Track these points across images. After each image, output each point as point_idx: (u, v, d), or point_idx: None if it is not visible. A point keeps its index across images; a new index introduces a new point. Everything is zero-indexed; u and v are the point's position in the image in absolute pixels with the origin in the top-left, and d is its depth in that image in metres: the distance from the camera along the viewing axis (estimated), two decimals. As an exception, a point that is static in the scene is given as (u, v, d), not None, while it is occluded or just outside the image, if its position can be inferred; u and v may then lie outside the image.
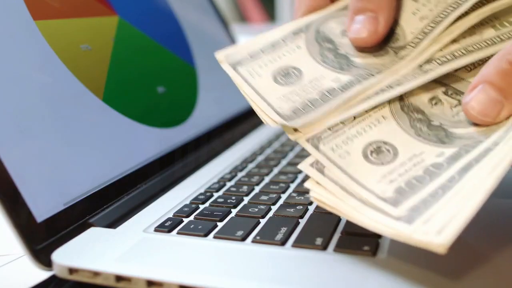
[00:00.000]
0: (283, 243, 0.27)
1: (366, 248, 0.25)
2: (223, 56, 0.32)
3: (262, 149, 0.45)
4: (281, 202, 0.33)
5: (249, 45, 0.32)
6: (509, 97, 0.25)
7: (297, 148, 0.44)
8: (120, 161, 0.36)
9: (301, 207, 0.31)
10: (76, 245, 0.28)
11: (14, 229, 0.27)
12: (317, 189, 0.25)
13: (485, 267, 0.24)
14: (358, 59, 0.30)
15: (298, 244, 0.27)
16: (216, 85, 0.51)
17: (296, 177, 0.37)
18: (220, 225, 0.30)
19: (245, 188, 0.35)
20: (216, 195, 0.35)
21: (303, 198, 0.33)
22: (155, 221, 0.31)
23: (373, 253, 0.25)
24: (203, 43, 0.52)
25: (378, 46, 0.31)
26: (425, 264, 0.24)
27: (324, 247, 0.26)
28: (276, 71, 0.30)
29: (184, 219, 0.31)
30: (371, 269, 0.24)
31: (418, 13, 0.31)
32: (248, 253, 0.26)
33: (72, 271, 0.26)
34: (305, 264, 0.25)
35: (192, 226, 0.30)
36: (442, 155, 0.25)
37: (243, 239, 0.28)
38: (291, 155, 0.43)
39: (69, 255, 0.27)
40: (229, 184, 0.37)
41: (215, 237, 0.28)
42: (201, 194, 0.35)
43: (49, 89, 0.33)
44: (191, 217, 0.31)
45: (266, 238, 0.27)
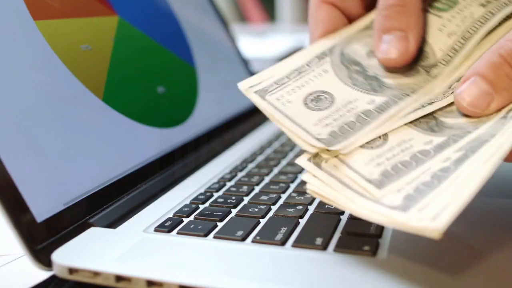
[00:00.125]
0: (283, 243, 0.27)
1: (366, 248, 0.25)
2: (247, 86, 0.30)
3: (262, 149, 0.45)
4: (281, 202, 0.33)
5: (273, 73, 0.31)
6: (499, 90, 0.25)
7: (297, 148, 0.44)
8: (120, 161, 0.36)
9: (301, 207, 0.31)
10: (76, 245, 0.28)
11: (14, 229, 0.27)
12: (314, 182, 0.26)
13: (485, 267, 0.24)
14: (389, 80, 0.30)
15: (298, 244, 0.27)
16: (216, 85, 0.51)
17: (296, 177, 0.37)
18: (220, 225, 0.30)
19: (245, 188, 0.35)
20: (216, 195, 0.35)
21: (303, 198, 0.33)
22: (155, 221, 0.31)
23: (373, 253, 0.25)
24: (203, 43, 0.52)
25: (408, 65, 0.30)
26: (425, 264, 0.24)
27: (324, 247, 0.26)
28: (306, 96, 0.29)
29: (184, 219, 0.31)
30: (371, 269, 0.24)
31: (444, 29, 0.31)
32: (248, 253, 0.26)
33: (72, 271, 0.26)
34: (305, 264, 0.25)
35: (192, 226, 0.30)
36: (430, 143, 0.26)
37: (243, 239, 0.28)
38: (291, 155, 0.43)
39: (69, 255, 0.27)
40: (229, 184, 0.37)
41: (215, 237, 0.28)
42: (201, 194, 0.35)
43: (49, 89, 0.33)
44: (191, 217, 0.31)
45: (266, 238, 0.27)
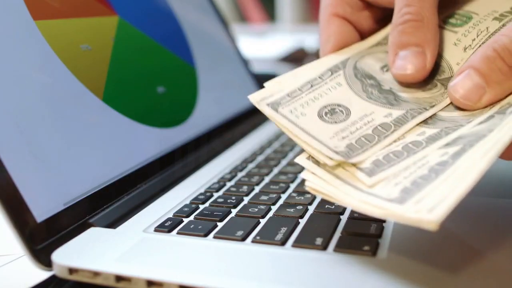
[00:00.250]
0: (283, 243, 0.27)
1: (366, 248, 0.25)
2: (259, 98, 0.29)
3: (262, 149, 0.45)
4: (281, 202, 0.33)
5: (284, 85, 0.30)
6: (491, 84, 0.25)
7: (297, 148, 0.44)
8: (120, 161, 0.36)
9: (301, 207, 0.31)
10: (76, 245, 0.28)
11: (14, 229, 0.27)
12: (312, 179, 0.26)
13: (485, 267, 0.24)
14: (405, 94, 0.30)
15: (298, 244, 0.27)
16: (216, 85, 0.51)
17: (296, 177, 0.37)
18: (220, 225, 0.30)
19: (245, 188, 0.35)
20: (216, 195, 0.35)
21: (303, 198, 0.33)
22: (155, 221, 0.31)
23: (373, 253, 0.25)
24: (203, 43, 0.52)
25: (424, 80, 0.30)
26: (425, 264, 0.24)
27: (324, 247, 0.26)
28: (320, 109, 0.29)
29: (184, 219, 0.31)
30: (371, 269, 0.24)
31: (460, 43, 0.31)
32: (248, 253, 0.26)
33: (72, 271, 0.26)
34: (305, 264, 0.25)
35: (192, 226, 0.30)
36: (423, 134, 0.26)
37: (243, 239, 0.28)
38: (291, 155, 0.43)
39: (69, 255, 0.27)
40: (229, 184, 0.37)
41: (215, 237, 0.28)
42: (201, 194, 0.35)
43: (49, 89, 0.33)
44: (191, 217, 0.31)
45: (266, 238, 0.27)
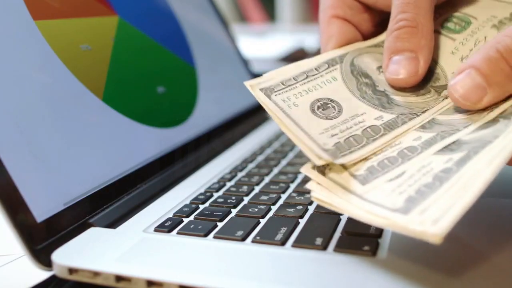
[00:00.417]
0: (283, 243, 0.27)
1: (366, 248, 0.25)
2: (254, 82, 0.30)
3: (262, 149, 0.45)
4: (281, 202, 0.33)
5: (280, 73, 0.31)
6: (493, 85, 0.25)
7: (297, 148, 0.44)
8: (120, 161, 0.36)
9: (301, 207, 0.31)
10: (76, 245, 0.28)
11: (14, 229, 0.27)
12: (317, 189, 0.26)
13: (485, 267, 0.24)
14: (398, 97, 0.30)
15: (298, 244, 0.27)
16: (216, 85, 0.51)
17: (296, 177, 0.37)
18: (220, 225, 0.30)
19: (245, 188, 0.35)
20: (216, 195, 0.35)
21: (303, 198, 0.33)
22: (155, 221, 0.31)
23: (373, 253, 0.25)
24: (203, 43, 0.52)
25: (418, 85, 0.30)
26: (425, 264, 0.24)
27: (324, 247, 0.26)
28: (313, 102, 0.29)
29: (184, 219, 0.31)
30: (371, 269, 0.24)
31: (457, 52, 0.31)
32: (248, 253, 0.26)
33: (72, 271, 0.26)
34: (305, 264, 0.25)
35: (192, 226, 0.30)
36: (419, 139, 0.26)
37: (243, 239, 0.28)
38: (291, 155, 0.43)
39: (69, 255, 0.27)
40: (229, 184, 0.37)
41: (215, 237, 0.28)
42: (201, 194, 0.35)
43: (49, 89, 0.33)
44: (191, 217, 0.31)
45: (266, 238, 0.27)
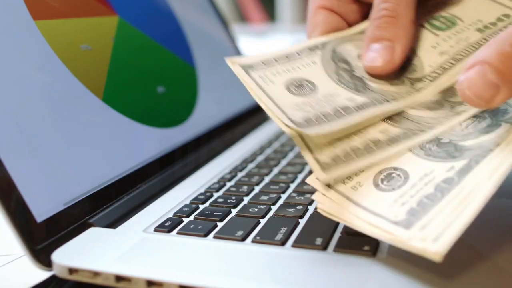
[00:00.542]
0: (283, 243, 0.27)
1: (366, 248, 0.25)
2: (235, 59, 0.31)
3: (262, 149, 0.45)
4: (281, 202, 0.33)
5: (263, 55, 0.31)
6: (507, 82, 0.23)
7: (297, 148, 0.44)
8: (120, 161, 0.36)
9: (301, 207, 0.31)
10: (76, 245, 0.28)
11: (14, 229, 0.27)
12: (322, 200, 0.26)
13: (485, 267, 0.24)
14: (373, 84, 0.30)
15: (298, 244, 0.27)
16: (216, 85, 0.51)
17: (296, 177, 0.37)
18: (220, 225, 0.30)
19: (245, 188, 0.35)
20: (216, 195, 0.35)
21: (303, 198, 0.33)
22: (155, 221, 0.31)
23: (373, 253, 0.25)
24: (203, 43, 0.52)
25: (394, 74, 0.30)
26: (425, 264, 0.24)
27: (324, 247, 0.26)
28: (289, 81, 0.30)
29: (184, 219, 0.31)
30: (371, 269, 0.24)
31: (438, 47, 0.31)
32: (248, 253, 0.26)
33: (72, 271, 0.26)
34: (305, 264, 0.25)
35: (192, 226, 0.30)
36: (452, 169, 0.24)
37: (243, 239, 0.28)
38: (291, 155, 0.43)
39: (69, 255, 0.27)
40: (229, 184, 0.37)
41: (215, 237, 0.28)
42: (201, 194, 0.35)
43: (49, 89, 0.33)
44: (191, 217, 0.31)
45: (266, 238, 0.27)
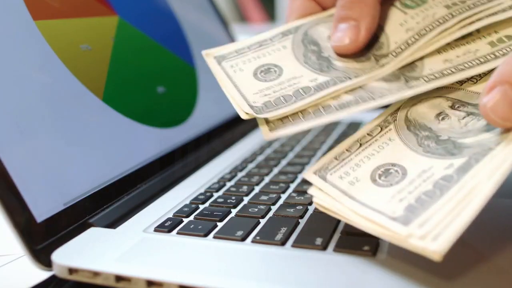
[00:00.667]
0: (283, 243, 0.27)
1: (366, 248, 0.25)
2: (209, 51, 0.33)
3: (262, 149, 0.45)
4: (281, 202, 0.33)
5: (237, 43, 0.33)
6: None
7: (297, 148, 0.44)
8: (120, 161, 0.36)
9: (301, 207, 0.31)
10: (76, 245, 0.28)
11: (14, 229, 0.27)
12: (320, 196, 0.26)
13: (485, 267, 0.24)
14: (339, 62, 0.31)
15: (298, 244, 0.27)
16: (216, 85, 0.51)
17: (296, 177, 0.37)
18: (220, 225, 0.30)
19: (245, 188, 0.35)
20: (216, 195, 0.35)
21: (303, 198, 0.33)
22: (155, 221, 0.31)
23: (373, 253, 0.25)
24: (203, 43, 0.52)
25: (361, 52, 0.31)
26: (425, 264, 0.24)
27: (324, 247, 0.26)
28: (258, 67, 0.31)
29: (184, 219, 0.31)
30: (371, 269, 0.24)
31: (405, 24, 0.31)
32: (248, 253, 0.26)
33: (72, 271, 0.26)
34: (305, 264, 0.25)
35: (192, 226, 0.30)
36: (451, 167, 0.24)
37: (243, 239, 0.28)
38: (291, 155, 0.43)
39: (69, 255, 0.27)
40: (229, 184, 0.37)
41: (215, 237, 0.28)
42: (201, 194, 0.35)
43: (49, 89, 0.33)
44: (191, 217, 0.31)
45: (266, 238, 0.27)
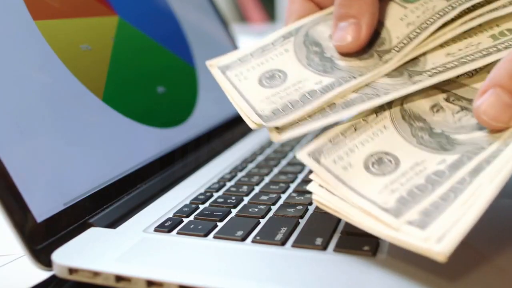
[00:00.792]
0: (283, 243, 0.27)
1: (366, 248, 0.25)
2: (213, 62, 0.32)
3: (262, 149, 0.45)
4: (281, 202, 0.33)
5: (240, 51, 0.32)
6: None
7: (297, 148, 0.44)
8: (120, 161, 0.36)
9: (301, 207, 0.31)
10: (76, 245, 0.28)
11: (14, 229, 0.27)
12: (320, 192, 0.26)
13: (485, 267, 0.24)
14: (342, 62, 0.31)
15: (298, 244, 0.27)
16: (216, 85, 0.51)
17: (296, 177, 0.37)
18: (220, 225, 0.30)
19: (245, 188, 0.35)
20: (216, 195, 0.35)
21: (303, 198, 0.33)
22: (155, 221, 0.31)
23: (373, 253, 0.25)
24: (203, 43, 0.52)
25: (363, 49, 0.31)
26: (425, 264, 0.24)
27: (324, 247, 0.26)
28: (262, 74, 0.31)
29: (184, 219, 0.31)
30: (371, 269, 0.24)
31: (405, 19, 0.31)
32: (248, 253, 0.26)
33: (72, 271, 0.26)
34: (305, 264, 0.25)
35: (192, 226, 0.30)
36: (443, 162, 0.24)
37: (243, 239, 0.28)
38: (291, 155, 0.43)
39: (69, 255, 0.27)
40: (229, 184, 0.37)
41: (215, 237, 0.28)
42: (201, 194, 0.35)
43: (49, 89, 0.33)
44: (191, 217, 0.31)
45: (266, 238, 0.27)
